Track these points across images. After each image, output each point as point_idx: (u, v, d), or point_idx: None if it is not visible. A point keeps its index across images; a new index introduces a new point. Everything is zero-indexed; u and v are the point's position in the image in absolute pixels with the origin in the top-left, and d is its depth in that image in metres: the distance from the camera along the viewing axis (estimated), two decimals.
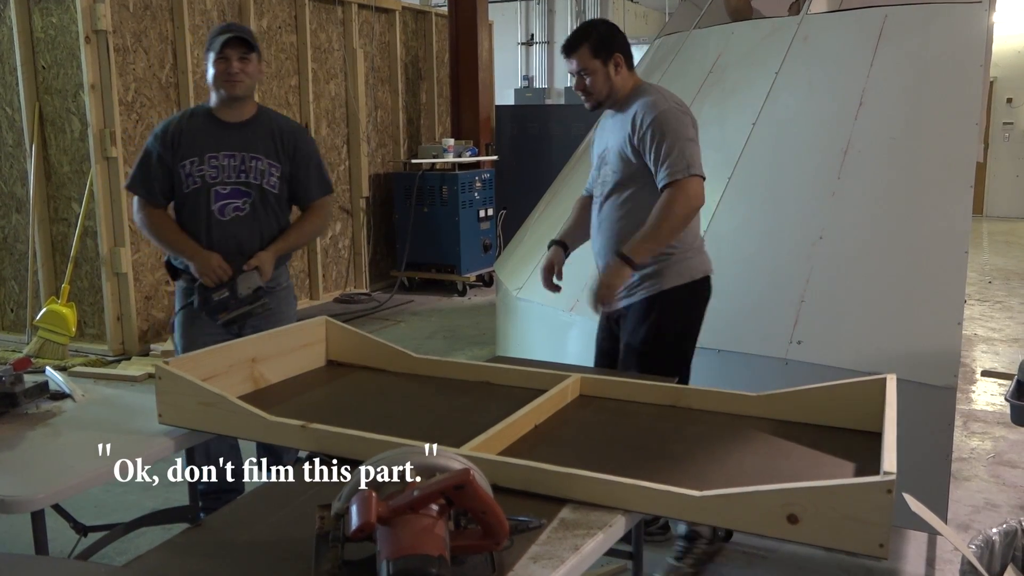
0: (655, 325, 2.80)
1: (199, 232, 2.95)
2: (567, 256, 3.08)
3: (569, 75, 2.92)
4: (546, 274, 3.07)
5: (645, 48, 5.49)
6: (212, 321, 2.92)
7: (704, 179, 2.75)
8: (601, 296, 2.73)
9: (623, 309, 2.88)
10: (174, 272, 3.04)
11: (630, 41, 2.91)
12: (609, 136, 2.91)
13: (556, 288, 3.08)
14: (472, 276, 7.83)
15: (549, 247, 3.10)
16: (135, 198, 3.01)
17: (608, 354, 2.98)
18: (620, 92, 2.84)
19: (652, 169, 2.74)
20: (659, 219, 2.69)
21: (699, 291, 2.85)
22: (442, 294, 7.77)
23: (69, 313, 5.43)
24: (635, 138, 2.75)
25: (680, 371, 2.76)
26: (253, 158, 2.97)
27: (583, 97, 2.87)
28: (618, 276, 2.71)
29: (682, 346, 2.85)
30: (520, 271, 4.45)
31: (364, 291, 7.76)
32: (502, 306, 4.81)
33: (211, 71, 2.91)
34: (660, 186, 2.71)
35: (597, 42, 2.79)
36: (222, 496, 3.01)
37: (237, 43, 2.88)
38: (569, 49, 2.83)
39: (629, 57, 2.85)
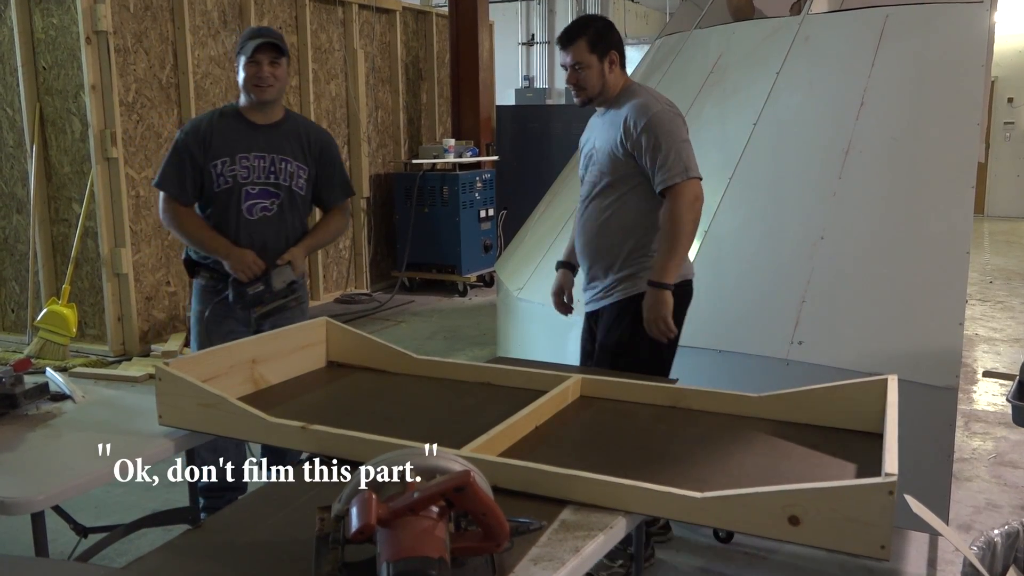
0: (629, 327, 2.78)
1: (227, 231, 2.99)
2: (575, 274, 3.08)
3: (562, 68, 2.88)
4: (556, 297, 3.09)
5: (646, 48, 5.49)
6: (247, 315, 2.97)
7: (701, 179, 2.75)
8: (656, 330, 2.72)
9: (601, 309, 2.88)
10: (192, 269, 3.08)
11: (631, 41, 2.91)
12: (597, 135, 2.89)
13: (568, 310, 3.09)
14: (473, 276, 7.82)
15: (557, 268, 3.12)
16: (161, 195, 3.03)
17: (592, 355, 2.97)
18: (612, 90, 2.82)
19: (649, 172, 2.73)
20: (671, 232, 2.70)
21: (677, 295, 2.80)
22: (443, 294, 7.77)
23: (70, 314, 5.43)
24: (628, 142, 2.73)
25: (655, 374, 2.69)
26: (283, 160, 3.03)
27: (574, 92, 2.85)
28: (662, 304, 2.70)
29: (658, 350, 2.80)
30: (521, 271, 4.44)
31: (365, 291, 7.76)
32: (503, 306, 4.80)
33: (241, 74, 2.96)
34: (658, 190, 2.71)
35: (595, 36, 2.77)
36: (225, 494, 3.02)
37: (268, 48, 2.93)
38: (566, 41, 2.80)
39: (623, 56, 2.84)
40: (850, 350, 2.99)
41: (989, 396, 4.89)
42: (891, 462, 1.52)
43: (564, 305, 3.09)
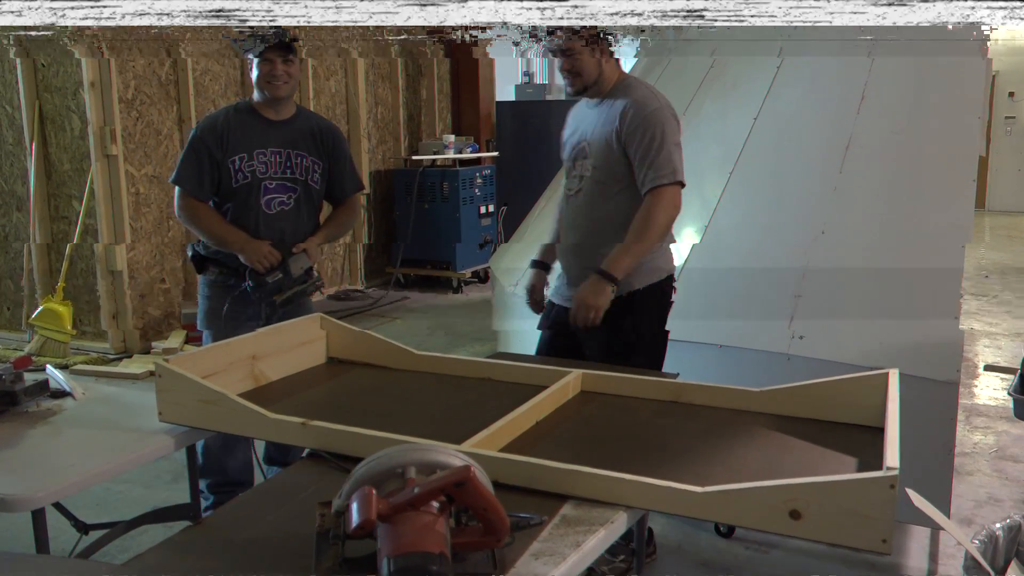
0: (632, 327, 2.70)
1: (247, 225, 3.03)
2: (549, 273, 3.01)
3: (555, 54, 2.76)
4: (530, 296, 3.01)
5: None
6: (267, 304, 3.00)
7: (684, 186, 2.67)
8: (583, 318, 2.63)
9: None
10: (200, 265, 3.10)
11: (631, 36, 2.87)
12: (590, 128, 2.79)
13: (542, 308, 2.99)
14: (468, 273, 7.80)
15: (532, 267, 3.03)
16: (177, 192, 3.05)
17: (557, 347, 2.87)
18: (607, 81, 2.73)
19: (635, 167, 2.65)
20: (642, 231, 2.60)
21: (666, 290, 2.76)
22: (437, 290, 7.76)
23: (64, 311, 5.41)
24: (623, 133, 2.65)
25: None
26: (299, 155, 3.08)
27: (568, 79, 2.75)
28: (601, 295, 2.60)
29: (656, 346, 2.77)
30: (516, 267, 4.43)
31: (359, 288, 7.74)
32: (498, 302, 4.80)
33: (255, 72, 3.00)
34: (644, 189, 2.63)
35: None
36: (235, 490, 3.02)
37: (281, 47, 2.95)
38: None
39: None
40: (851, 345, 2.98)
41: (990, 390, 4.89)
42: (892, 456, 1.52)
43: (538, 304, 3.00)
